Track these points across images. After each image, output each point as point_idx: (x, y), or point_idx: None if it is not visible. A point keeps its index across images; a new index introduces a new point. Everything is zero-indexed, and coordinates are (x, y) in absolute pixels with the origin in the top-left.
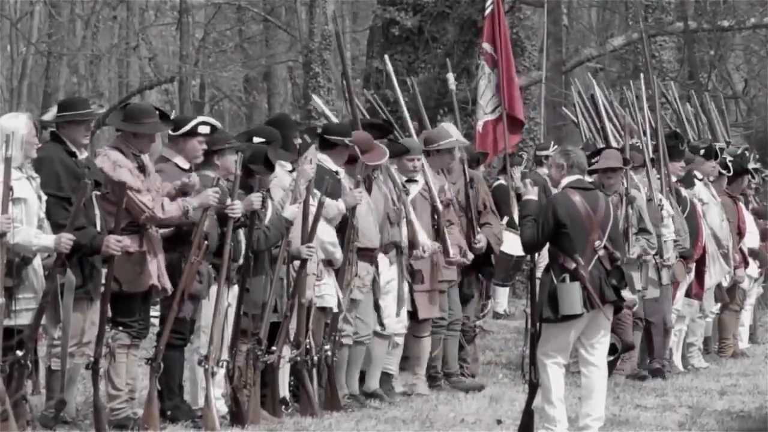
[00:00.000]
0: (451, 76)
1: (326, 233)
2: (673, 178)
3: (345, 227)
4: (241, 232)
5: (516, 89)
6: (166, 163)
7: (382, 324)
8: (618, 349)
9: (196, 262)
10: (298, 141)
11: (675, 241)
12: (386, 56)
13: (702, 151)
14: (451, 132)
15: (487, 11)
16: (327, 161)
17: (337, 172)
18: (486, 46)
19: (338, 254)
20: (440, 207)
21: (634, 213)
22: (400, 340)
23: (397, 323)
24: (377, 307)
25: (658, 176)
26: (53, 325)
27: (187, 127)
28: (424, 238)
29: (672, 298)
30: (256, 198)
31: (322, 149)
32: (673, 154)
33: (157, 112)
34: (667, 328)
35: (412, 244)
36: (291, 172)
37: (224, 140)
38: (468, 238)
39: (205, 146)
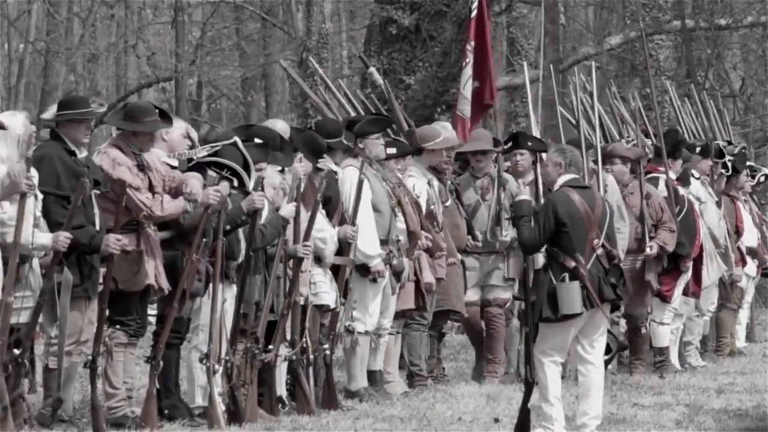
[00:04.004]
0: (374, 71)
1: (315, 229)
2: (673, 176)
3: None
4: (240, 231)
5: (490, 76)
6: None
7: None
8: (612, 348)
9: (197, 260)
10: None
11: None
12: (372, 68)
13: (699, 150)
14: (444, 132)
15: (474, 13)
16: (327, 161)
17: (335, 172)
18: (471, 44)
19: (327, 252)
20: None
21: (506, 197)
22: (385, 339)
23: (382, 320)
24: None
25: (665, 173)
26: (50, 324)
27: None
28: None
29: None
30: (258, 197)
31: None
32: (674, 153)
33: (157, 111)
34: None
35: (413, 235)
36: (281, 171)
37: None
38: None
39: (188, 141)
